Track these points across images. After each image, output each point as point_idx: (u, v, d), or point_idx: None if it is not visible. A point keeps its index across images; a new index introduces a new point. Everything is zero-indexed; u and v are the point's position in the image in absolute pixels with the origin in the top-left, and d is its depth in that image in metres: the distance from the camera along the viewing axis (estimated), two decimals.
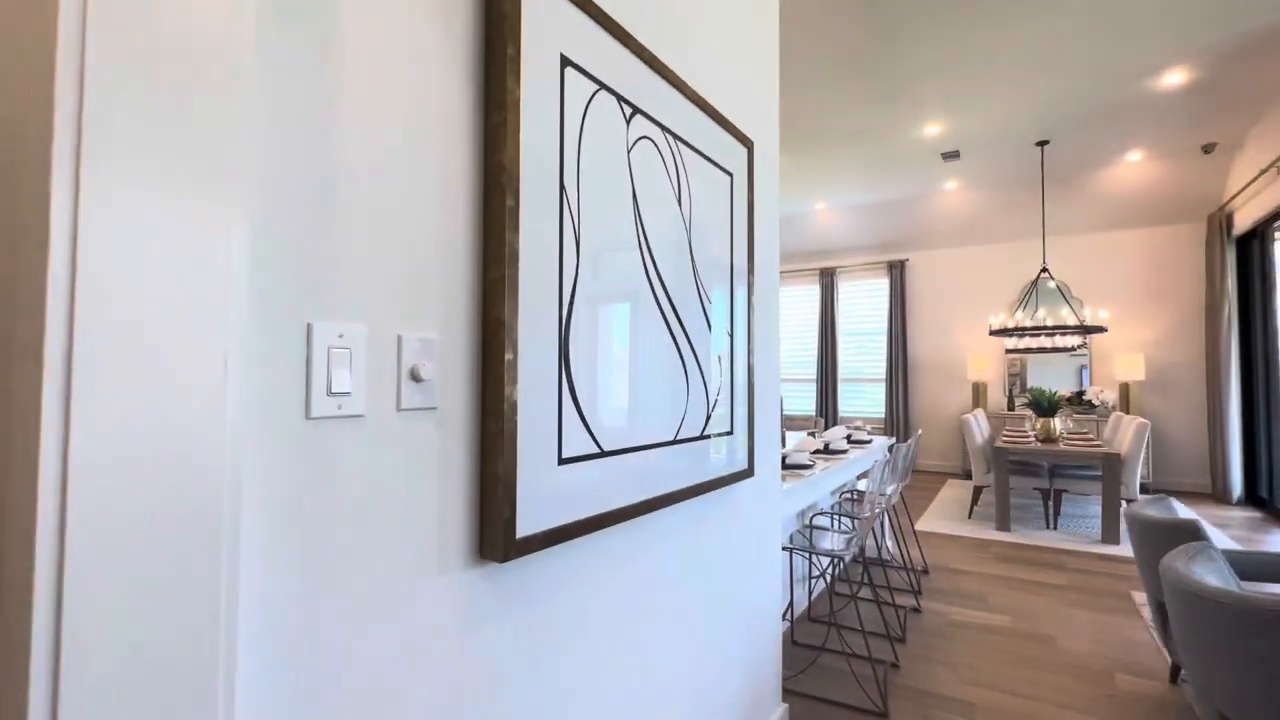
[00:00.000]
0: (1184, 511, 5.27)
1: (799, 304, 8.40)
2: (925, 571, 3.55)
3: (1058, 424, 4.82)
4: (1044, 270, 5.54)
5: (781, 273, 8.41)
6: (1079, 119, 4.96)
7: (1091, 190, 6.22)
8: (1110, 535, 4.19)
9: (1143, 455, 4.44)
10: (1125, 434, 4.68)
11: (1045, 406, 4.93)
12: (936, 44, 3.91)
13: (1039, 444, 4.67)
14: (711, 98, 1.49)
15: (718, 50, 1.52)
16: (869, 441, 3.52)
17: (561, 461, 0.95)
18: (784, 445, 3.12)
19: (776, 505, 1.85)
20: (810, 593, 3.05)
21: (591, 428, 1.01)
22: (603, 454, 1.04)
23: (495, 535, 0.84)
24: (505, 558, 0.84)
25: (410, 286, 0.77)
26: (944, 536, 4.40)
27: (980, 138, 5.31)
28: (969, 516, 4.97)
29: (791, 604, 2.67)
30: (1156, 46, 3.92)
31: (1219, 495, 5.74)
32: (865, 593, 3.12)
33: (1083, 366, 6.65)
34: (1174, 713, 2.11)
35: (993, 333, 5.74)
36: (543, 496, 0.91)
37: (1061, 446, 4.52)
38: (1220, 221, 5.65)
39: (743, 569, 1.62)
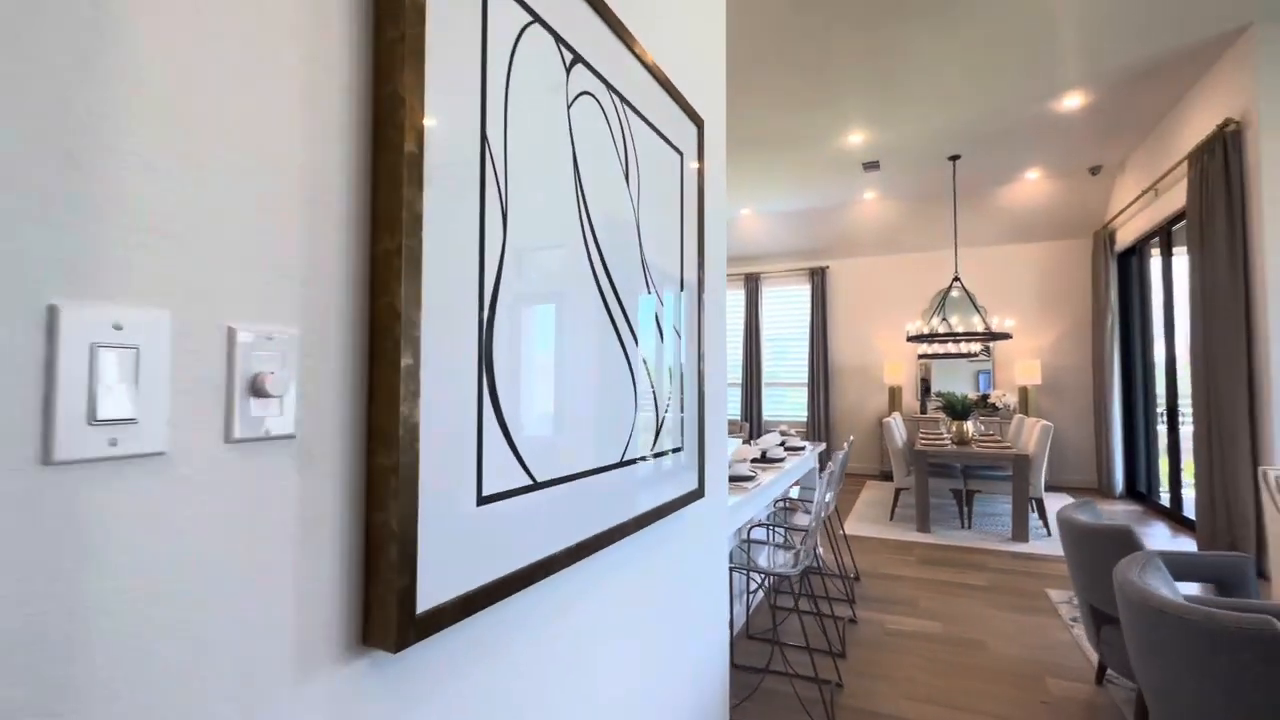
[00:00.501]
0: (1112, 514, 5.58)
1: (725, 310, 8.40)
2: (857, 578, 3.53)
3: (970, 427, 5.01)
4: (956, 279, 5.78)
5: None
6: (988, 136, 5.20)
7: (997, 205, 6.60)
8: (1020, 533, 4.37)
9: (1046, 455, 4.68)
10: (1030, 436, 4.93)
11: (959, 410, 5.12)
12: (862, 55, 3.94)
13: (954, 446, 4.83)
14: (661, 63, 1.29)
15: (664, 13, 1.33)
16: (803, 449, 3.46)
17: (482, 500, 0.71)
18: None
19: (725, 525, 1.67)
20: (749, 607, 2.92)
21: (522, 454, 0.78)
22: (536, 486, 0.81)
23: (386, 613, 0.59)
24: (401, 643, 0.59)
25: (253, 256, 0.51)
26: (870, 540, 4.44)
27: (899, 149, 5.48)
28: (891, 518, 5.07)
29: (731, 622, 2.51)
30: (1060, 70, 4.15)
31: (1104, 491, 6.21)
32: (804, 604, 3.03)
33: (980, 372, 7.05)
34: (1105, 715, 2.12)
35: (910, 339, 5.94)
36: (456, 550, 0.67)
37: (975, 449, 4.69)
38: (1104, 238, 6.13)
39: (692, 604, 1.43)
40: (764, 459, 2.91)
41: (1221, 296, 3.80)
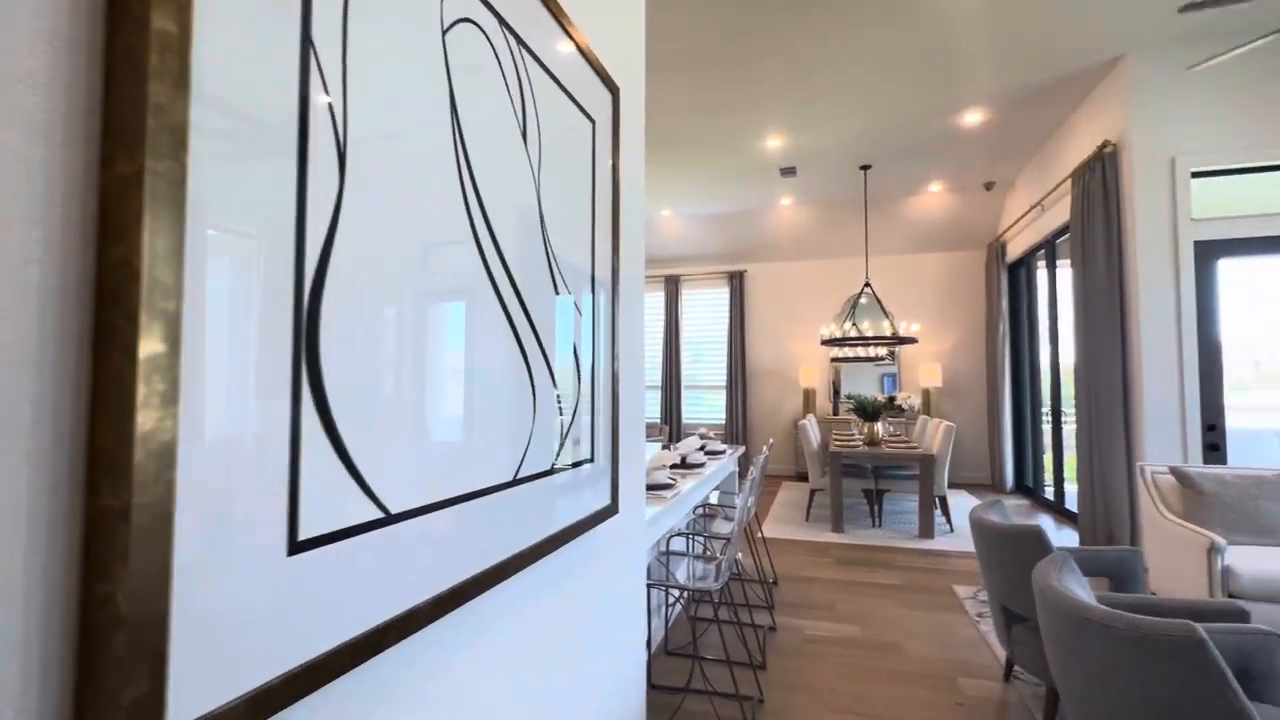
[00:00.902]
0: (1023, 513, 5.88)
1: (645, 310, 8.33)
2: (776, 583, 3.49)
3: (880, 428, 5.16)
4: (866, 285, 5.98)
5: None
6: (896, 148, 5.40)
7: (904, 214, 6.91)
8: (926, 530, 4.53)
9: (949, 455, 4.90)
10: (934, 436, 5.15)
11: (869, 412, 5.27)
12: (781, 59, 3.95)
13: (866, 447, 4.95)
14: (570, 13, 1.12)
15: None
16: (723, 453, 3.38)
17: (299, 547, 0.51)
18: None
19: (642, 542, 1.52)
20: (668, 621, 2.79)
21: (367, 478, 0.58)
22: (389, 519, 0.61)
23: None
24: None
25: None
26: (788, 542, 4.45)
27: (814, 156, 5.59)
28: (806, 519, 5.14)
29: (649, 639, 2.36)
30: (963, 87, 4.34)
31: (996, 486, 6.63)
32: (724, 612, 2.94)
33: (885, 374, 7.37)
34: (1015, 713, 2.14)
35: (824, 342, 6.07)
36: (249, 625, 0.46)
37: (885, 449, 4.83)
38: (997, 250, 6.55)
39: (605, 635, 1.26)
40: (684, 465, 2.80)
41: (1100, 305, 4.10)
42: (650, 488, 2.12)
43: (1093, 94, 4.36)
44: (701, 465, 2.85)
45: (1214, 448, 3.69)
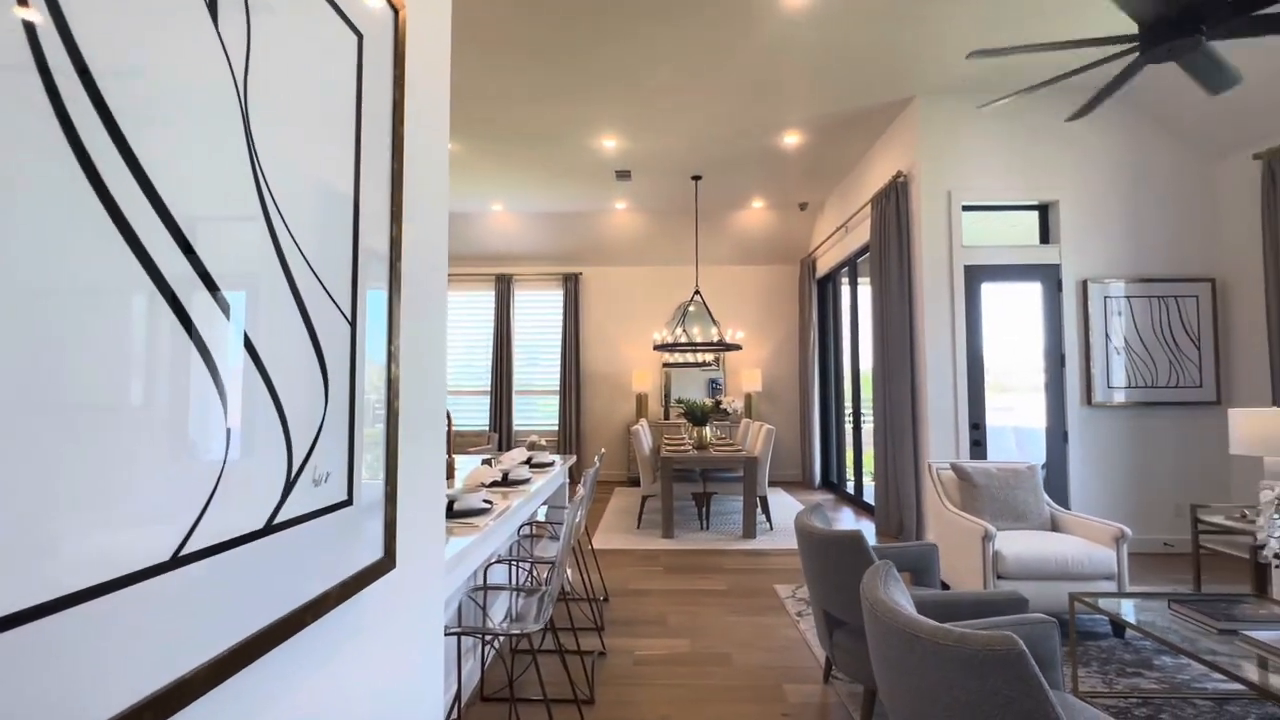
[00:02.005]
0: (846, 518, 6.28)
1: (473, 310, 7.79)
2: (606, 600, 3.31)
3: (709, 432, 5.28)
4: (697, 293, 6.13)
5: (453, 275, 7.69)
6: (724, 161, 5.60)
7: (730, 227, 7.24)
8: (749, 530, 4.69)
9: (770, 456, 5.15)
10: (756, 438, 5.39)
11: (698, 416, 5.37)
12: (614, 54, 3.82)
13: (695, 451, 5.02)
14: None
15: None
16: (552, 464, 3.12)
17: None
18: (452, 482, 2.47)
19: (436, 593, 1.20)
20: (484, 661, 2.45)
21: None
22: None
23: None
24: None
25: None
26: (619, 552, 4.31)
27: (648, 161, 5.58)
28: (638, 526, 5.07)
29: (459, 690, 2.01)
30: (784, 108, 4.59)
31: (806, 483, 7.20)
32: (549, 639, 2.67)
33: (710, 379, 7.69)
34: (835, 714, 2.17)
35: (657, 347, 6.10)
36: None
37: (713, 453, 4.93)
38: (808, 266, 7.14)
39: (390, 712, 0.93)
40: (505, 481, 2.49)
41: (894, 318, 4.56)
42: (459, 515, 1.79)
43: (890, 128, 4.87)
44: (526, 481, 2.56)
45: (977, 444, 4.26)
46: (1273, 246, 3.74)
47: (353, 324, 0.81)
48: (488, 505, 1.94)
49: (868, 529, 5.04)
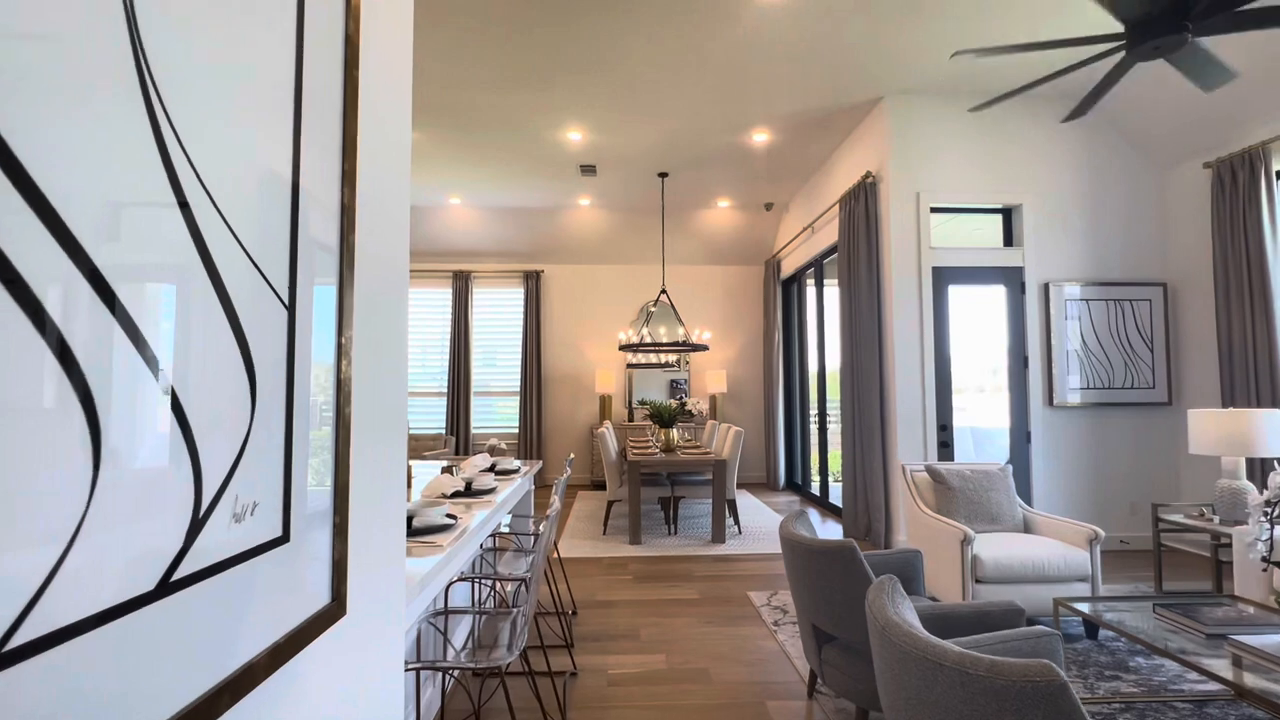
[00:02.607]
0: (825, 525, 6.21)
1: (428, 308, 7.46)
2: (575, 613, 3.13)
3: (676, 434, 5.16)
4: (663, 292, 6.00)
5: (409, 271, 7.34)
6: (691, 159, 5.49)
7: (697, 226, 7.14)
8: (719, 535, 4.58)
9: (738, 458, 5.06)
10: (724, 440, 5.29)
11: (665, 418, 5.24)
12: (583, 37, 3.65)
13: (663, 455, 4.89)
14: None
15: None
16: (516, 472, 2.92)
17: None
18: (409, 493, 2.25)
19: (397, 631, 1.02)
20: (444, 689, 2.25)
21: None
22: None
23: None
24: None
25: None
26: (586, 560, 4.14)
27: (614, 156, 5.43)
28: (604, 533, 4.90)
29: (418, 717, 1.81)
30: (752, 106, 4.50)
31: (771, 484, 7.17)
32: (516, 661, 2.48)
33: (673, 380, 7.57)
34: None
35: (622, 348, 5.94)
36: None
37: (681, 456, 4.81)
38: (773, 267, 7.11)
39: None
40: (469, 491, 2.29)
41: (863, 319, 4.54)
42: (419, 533, 1.60)
43: (859, 128, 4.85)
44: (492, 490, 2.36)
45: (945, 445, 4.27)
46: (1221, 253, 3.87)
47: (291, 309, 0.63)
48: (451, 521, 1.75)
49: (834, 531, 5.00)
